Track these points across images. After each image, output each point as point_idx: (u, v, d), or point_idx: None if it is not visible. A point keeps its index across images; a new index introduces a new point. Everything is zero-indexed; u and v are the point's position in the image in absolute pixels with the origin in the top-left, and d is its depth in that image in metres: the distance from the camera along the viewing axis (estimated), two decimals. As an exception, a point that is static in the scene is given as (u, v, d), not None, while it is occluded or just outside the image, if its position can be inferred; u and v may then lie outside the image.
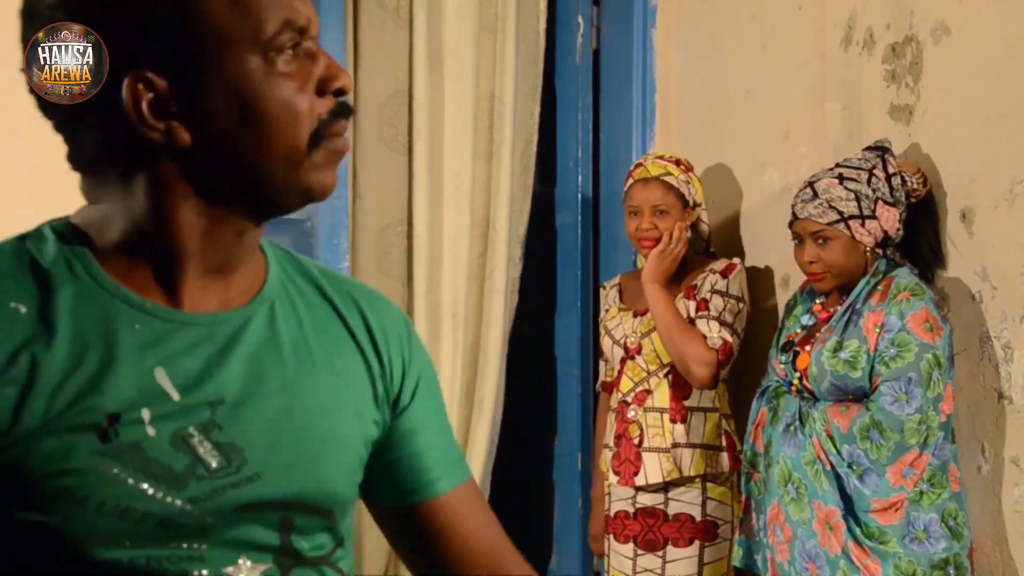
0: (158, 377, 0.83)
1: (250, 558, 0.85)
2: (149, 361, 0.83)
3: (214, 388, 0.85)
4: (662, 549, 2.51)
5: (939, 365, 1.90)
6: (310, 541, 0.89)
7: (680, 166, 2.58)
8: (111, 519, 0.79)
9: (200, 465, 0.82)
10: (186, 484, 0.82)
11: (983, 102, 1.99)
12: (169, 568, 0.81)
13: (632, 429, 2.53)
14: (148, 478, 0.80)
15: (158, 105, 0.83)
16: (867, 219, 2.03)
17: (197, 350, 0.85)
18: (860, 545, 1.93)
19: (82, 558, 0.79)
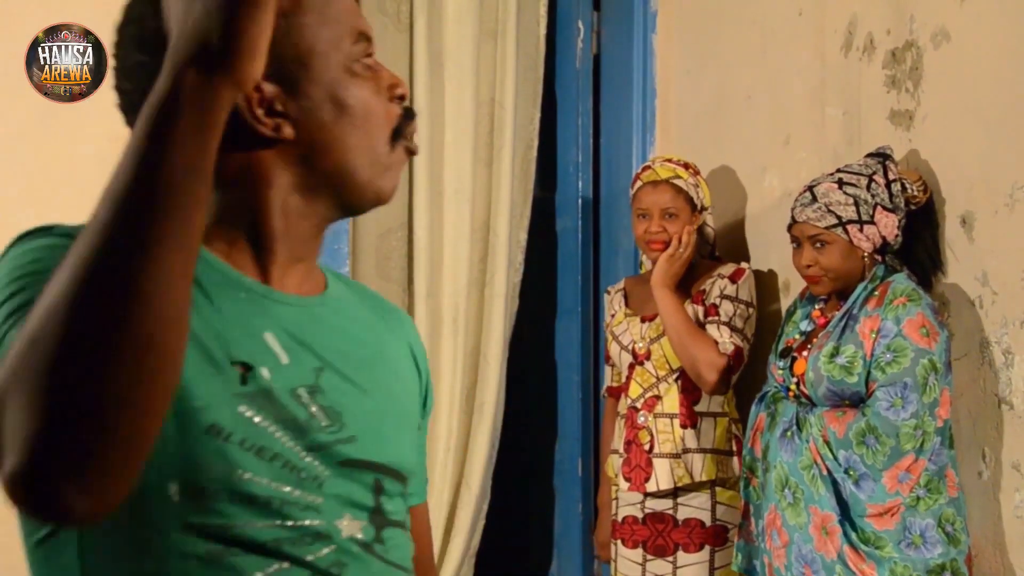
0: (269, 341, 0.94)
1: (352, 515, 0.95)
2: (259, 328, 0.94)
3: (313, 356, 0.96)
4: (672, 554, 2.50)
5: (935, 370, 1.90)
6: (393, 504, 1.00)
7: (689, 169, 2.57)
8: (250, 455, 0.88)
9: (314, 419, 0.93)
10: (305, 434, 0.92)
11: (983, 107, 1.99)
12: (293, 513, 0.90)
13: (642, 435, 2.53)
14: (277, 423, 0.90)
15: (267, 106, 0.95)
16: (865, 224, 2.03)
17: (294, 323, 0.97)
18: (856, 550, 1.92)
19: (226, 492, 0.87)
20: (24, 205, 2.58)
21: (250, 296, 0.95)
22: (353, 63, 0.98)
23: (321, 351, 0.97)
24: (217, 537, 0.87)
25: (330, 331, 1.00)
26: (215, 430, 0.87)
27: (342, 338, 1.01)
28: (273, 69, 0.93)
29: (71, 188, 2.59)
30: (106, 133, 2.63)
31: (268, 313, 0.95)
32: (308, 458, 0.92)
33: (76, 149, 2.58)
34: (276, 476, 0.89)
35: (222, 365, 0.89)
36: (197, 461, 0.86)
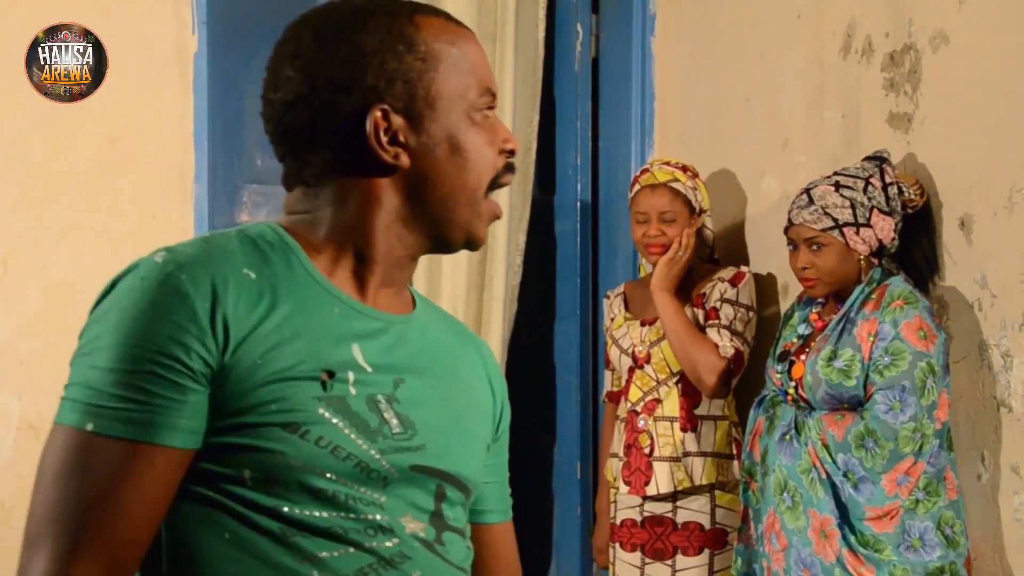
0: (355, 352, 1.03)
1: (414, 515, 1.03)
2: (348, 338, 1.03)
3: (393, 369, 1.05)
4: (671, 558, 2.50)
5: (933, 373, 1.90)
6: (454, 511, 1.09)
7: (687, 172, 2.57)
8: (324, 452, 0.97)
9: (386, 425, 1.02)
10: (376, 438, 1.01)
11: (982, 110, 1.99)
12: (357, 507, 0.99)
13: (642, 438, 2.52)
14: (351, 425, 0.99)
15: (391, 135, 1.05)
16: (862, 227, 2.03)
17: (380, 338, 1.06)
18: (855, 553, 1.92)
19: (296, 482, 0.96)
20: (24, 205, 2.58)
21: (344, 311, 1.04)
22: (474, 112, 1.08)
23: (402, 365, 1.07)
24: (286, 519, 0.96)
25: (412, 348, 1.09)
26: (292, 427, 0.96)
27: (422, 355, 1.10)
28: (404, 104, 1.05)
29: (71, 188, 2.59)
30: (106, 133, 2.64)
31: (358, 327, 1.04)
32: (379, 459, 1.00)
33: (76, 149, 2.58)
34: (346, 473, 0.98)
35: (310, 371, 0.98)
36: (271, 451, 0.95)
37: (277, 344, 0.98)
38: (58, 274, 2.53)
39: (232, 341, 0.95)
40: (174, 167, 2.62)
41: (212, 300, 0.95)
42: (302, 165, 1.08)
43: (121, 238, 2.57)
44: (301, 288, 1.02)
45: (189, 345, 0.93)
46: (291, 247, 1.05)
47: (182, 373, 0.93)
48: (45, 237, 2.57)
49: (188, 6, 2.62)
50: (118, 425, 0.92)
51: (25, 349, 2.53)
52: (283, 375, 0.97)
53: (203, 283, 0.96)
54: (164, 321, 0.93)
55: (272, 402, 0.96)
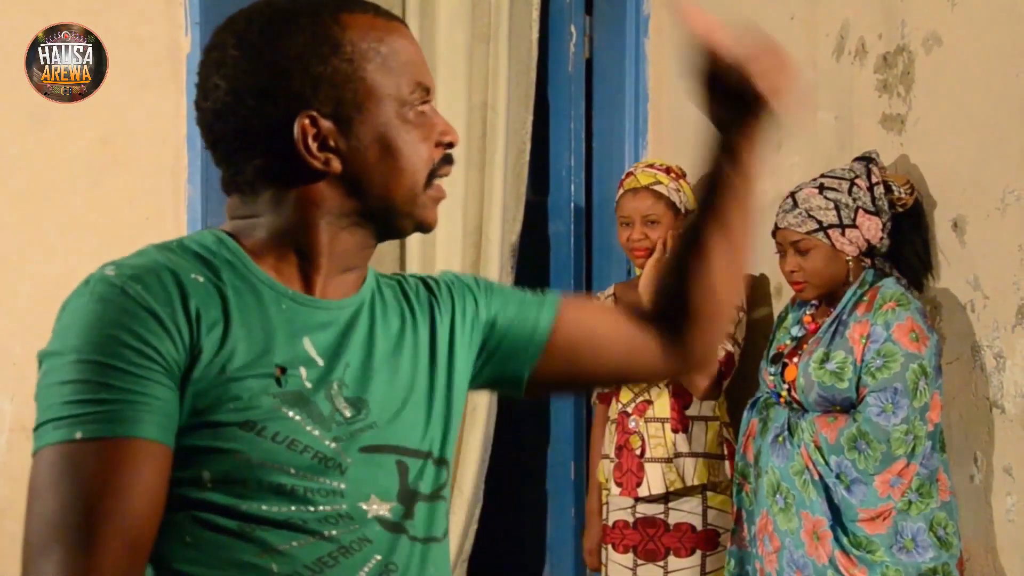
0: (306, 345, 1.04)
1: (378, 496, 1.04)
2: (298, 333, 1.04)
3: (343, 355, 1.06)
4: (663, 559, 2.50)
5: (925, 375, 1.90)
6: (422, 481, 1.09)
7: (671, 174, 2.57)
8: (282, 448, 0.98)
9: (338, 413, 1.03)
10: (330, 426, 1.02)
11: (975, 112, 2.00)
12: (316, 499, 1.00)
13: (633, 440, 2.52)
14: (308, 418, 1.00)
15: (321, 140, 1.04)
16: (847, 228, 2.03)
17: (329, 327, 1.07)
18: (847, 555, 1.93)
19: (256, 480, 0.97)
20: (17, 205, 2.57)
21: (291, 307, 1.05)
22: (406, 109, 1.07)
23: (352, 348, 1.07)
24: (245, 516, 0.97)
25: (362, 329, 1.10)
26: (249, 425, 0.97)
27: (369, 335, 1.10)
28: (331, 108, 1.04)
29: (65, 188, 2.58)
30: (99, 134, 2.64)
31: (307, 320, 1.05)
32: (334, 447, 1.01)
33: (69, 149, 2.57)
34: (305, 466, 0.99)
35: (263, 368, 0.99)
36: (229, 451, 0.96)
37: (230, 344, 0.98)
38: (51, 275, 2.53)
39: (191, 344, 0.96)
40: (167, 168, 2.61)
41: (170, 304, 0.96)
42: (236, 172, 1.08)
43: (115, 239, 2.56)
44: (248, 289, 1.03)
45: (157, 346, 0.94)
46: (233, 251, 1.05)
47: (156, 371, 0.94)
48: (38, 238, 2.57)
49: (181, 7, 2.61)
50: (105, 426, 0.92)
51: (18, 351, 2.52)
52: (238, 374, 0.97)
53: (157, 290, 0.96)
54: (129, 325, 0.94)
55: (228, 401, 0.97)
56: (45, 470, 0.92)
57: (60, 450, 0.92)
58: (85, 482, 0.91)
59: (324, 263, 1.08)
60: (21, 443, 2.49)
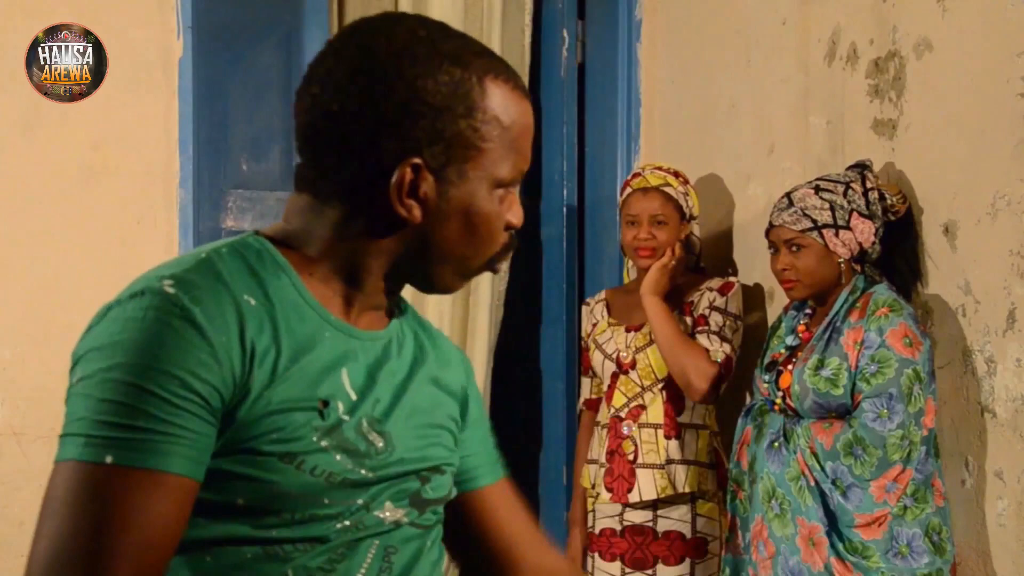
0: (343, 378, 1.03)
1: (394, 503, 1.06)
2: (338, 364, 1.03)
3: (374, 389, 1.06)
4: (652, 567, 2.48)
5: (919, 380, 1.91)
6: (435, 489, 1.12)
7: (679, 178, 2.57)
8: (319, 481, 0.98)
9: (372, 447, 1.04)
10: (365, 460, 1.02)
11: (966, 117, 2.00)
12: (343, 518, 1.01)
13: (626, 445, 2.51)
14: (344, 452, 1.00)
15: (414, 188, 1.03)
16: (841, 229, 2.04)
17: (362, 359, 1.06)
18: (843, 561, 1.93)
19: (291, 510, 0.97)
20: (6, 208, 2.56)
21: (334, 335, 1.04)
22: (501, 190, 1.06)
23: (381, 382, 1.07)
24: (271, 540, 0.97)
25: (390, 362, 1.10)
26: (289, 457, 0.96)
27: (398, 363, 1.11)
28: (439, 164, 1.03)
29: (55, 192, 2.57)
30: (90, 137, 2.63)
31: (347, 350, 1.05)
32: (368, 475, 1.02)
33: (60, 153, 2.57)
34: (338, 497, 1.00)
35: (307, 401, 0.99)
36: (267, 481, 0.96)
37: (278, 374, 0.97)
38: (42, 278, 2.51)
39: (243, 374, 0.95)
40: (159, 171, 2.61)
41: (226, 333, 0.94)
42: (319, 176, 1.06)
43: (105, 242, 2.55)
44: (295, 312, 1.02)
45: (207, 379, 0.92)
46: (281, 265, 1.04)
47: (199, 405, 0.92)
48: (28, 241, 2.56)
49: (173, 11, 2.60)
50: (137, 455, 0.90)
51: (8, 355, 2.51)
52: (283, 406, 0.96)
53: (216, 315, 0.94)
54: (182, 353, 0.92)
55: (272, 432, 0.96)
56: (67, 486, 0.90)
57: (86, 469, 0.89)
58: (106, 509, 0.89)
59: (365, 295, 1.08)
60: (11, 448, 2.48)
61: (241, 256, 1.02)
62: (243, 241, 1.05)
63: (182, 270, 0.97)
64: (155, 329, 0.92)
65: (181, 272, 0.96)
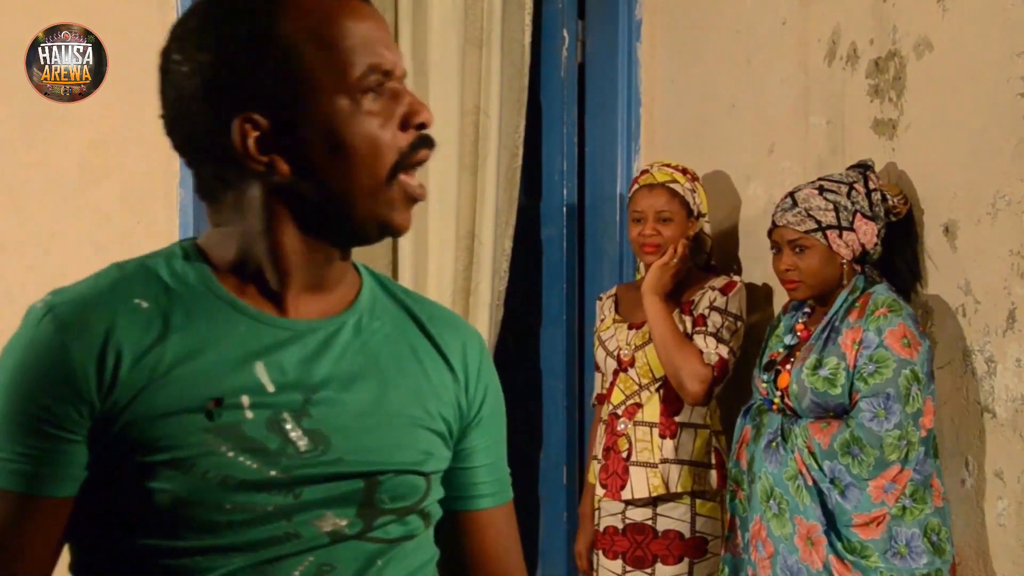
0: (257, 371, 0.96)
1: (335, 513, 0.97)
2: (251, 357, 0.97)
3: (306, 382, 0.98)
4: (651, 566, 2.48)
5: (918, 381, 1.91)
6: (396, 496, 1.01)
7: (687, 175, 2.57)
8: (212, 486, 0.92)
9: (290, 446, 0.96)
10: (278, 460, 0.95)
11: (966, 116, 2.00)
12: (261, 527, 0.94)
13: (621, 442, 2.51)
14: (245, 452, 0.93)
15: (262, 141, 0.96)
16: (845, 230, 2.04)
17: (293, 349, 0.99)
18: (841, 560, 1.92)
19: (187, 517, 0.92)
20: (7, 209, 2.56)
21: (252, 326, 0.98)
22: (360, 97, 0.96)
23: (317, 375, 0.99)
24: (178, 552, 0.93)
25: (337, 349, 1.02)
26: (176, 463, 0.92)
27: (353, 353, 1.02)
28: (269, 106, 0.96)
29: (55, 191, 2.58)
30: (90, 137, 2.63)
31: (267, 343, 0.98)
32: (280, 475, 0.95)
33: (60, 152, 2.57)
34: (241, 501, 0.93)
35: (196, 402, 0.93)
36: (158, 490, 0.92)
37: (163, 377, 0.93)
38: (42, 279, 2.52)
39: (115, 382, 0.92)
40: (159, 171, 2.61)
41: (91, 344, 0.92)
42: (198, 180, 1.03)
43: (106, 242, 2.56)
44: (205, 310, 0.97)
45: (67, 398, 0.92)
46: (196, 268, 1.00)
47: (62, 426, 0.92)
48: (28, 241, 2.56)
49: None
50: (8, 478, 0.92)
51: (8, 355, 2.51)
52: (168, 409, 0.92)
53: (82, 329, 0.93)
54: (44, 381, 0.92)
55: (159, 437, 0.92)
56: None
57: None
58: None
59: (293, 278, 1.01)
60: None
61: (154, 262, 1.00)
62: (169, 248, 1.04)
63: (69, 286, 0.98)
64: (23, 358, 0.94)
65: (65, 288, 0.98)
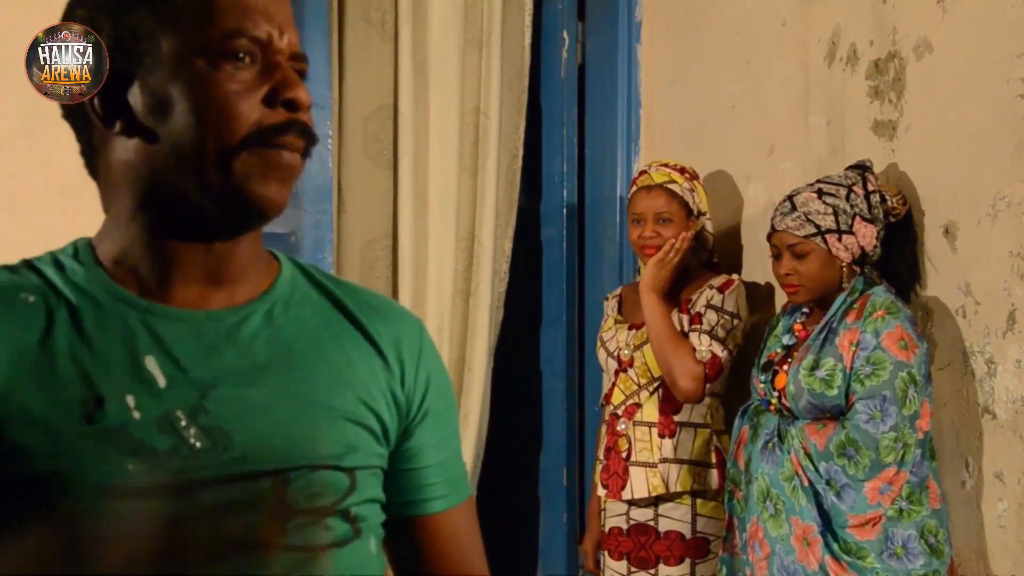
0: (148, 365, 0.89)
1: (241, 518, 0.88)
2: (141, 351, 0.89)
3: (204, 376, 0.90)
4: (654, 567, 2.49)
5: (914, 383, 1.91)
6: (306, 491, 0.91)
7: (684, 174, 2.57)
8: (94, 495, 0.84)
9: (184, 446, 0.87)
10: (169, 463, 0.86)
11: (966, 118, 2.00)
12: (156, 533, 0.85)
13: (621, 442, 2.52)
14: (130, 456, 0.85)
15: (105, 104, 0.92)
16: (844, 234, 2.04)
17: (188, 341, 0.91)
18: (838, 560, 1.92)
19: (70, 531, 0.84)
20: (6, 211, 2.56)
21: (144, 319, 0.91)
22: (221, 60, 0.89)
23: (217, 368, 0.91)
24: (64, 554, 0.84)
25: (242, 340, 0.94)
26: (50, 475, 0.83)
27: (262, 344, 0.94)
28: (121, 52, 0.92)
29: (54, 193, 2.57)
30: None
31: (159, 335, 0.90)
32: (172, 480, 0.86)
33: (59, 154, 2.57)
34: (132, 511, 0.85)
35: (74, 404, 0.85)
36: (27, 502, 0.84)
37: (42, 378, 0.86)
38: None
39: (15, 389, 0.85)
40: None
41: None
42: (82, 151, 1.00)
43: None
44: (92, 306, 0.90)
45: None
46: (83, 260, 0.94)
47: None
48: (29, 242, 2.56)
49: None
50: None
51: None
52: (43, 413, 0.84)
53: None
54: None
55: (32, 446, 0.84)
56: None
57: None
58: None
59: (178, 268, 0.93)
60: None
61: (40, 260, 0.95)
62: (62, 248, 0.98)
63: None
64: None
65: None
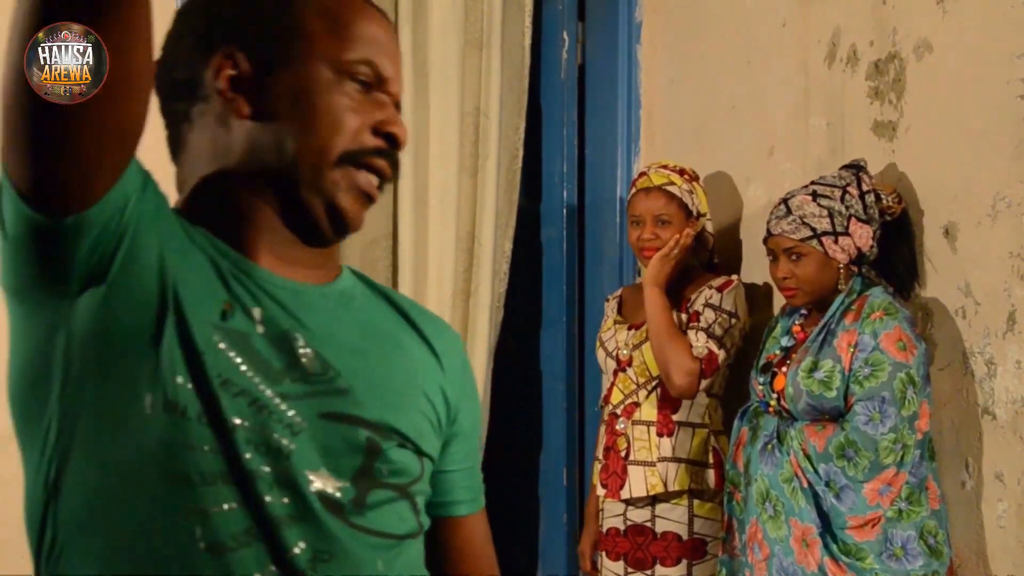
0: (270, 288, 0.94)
1: (329, 471, 0.89)
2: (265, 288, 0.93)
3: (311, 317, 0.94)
4: (651, 568, 2.49)
5: (913, 384, 1.90)
6: (390, 466, 0.94)
7: (684, 175, 2.57)
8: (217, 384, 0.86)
9: (297, 368, 0.90)
10: (281, 380, 0.89)
11: (966, 118, 2.00)
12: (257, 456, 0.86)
13: (620, 442, 2.52)
14: (248, 362, 0.88)
15: (236, 81, 0.94)
16: (840, 236, 2.04)
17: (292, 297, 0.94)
18: (837, 562, 1.92)
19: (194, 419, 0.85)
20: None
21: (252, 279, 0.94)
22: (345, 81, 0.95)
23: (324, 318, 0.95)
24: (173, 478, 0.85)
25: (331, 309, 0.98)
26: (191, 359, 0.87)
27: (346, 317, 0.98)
28: (255, 48, 0.94)
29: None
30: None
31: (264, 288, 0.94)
32: (277, 401, 0.88)
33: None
34: (244, 412, 0.87)
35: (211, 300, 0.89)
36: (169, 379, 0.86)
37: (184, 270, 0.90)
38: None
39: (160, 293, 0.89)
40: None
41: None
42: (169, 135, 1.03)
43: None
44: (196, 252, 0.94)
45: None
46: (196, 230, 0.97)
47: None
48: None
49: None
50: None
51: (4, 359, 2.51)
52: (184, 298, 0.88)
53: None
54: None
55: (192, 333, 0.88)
56: None
57: None
58: None
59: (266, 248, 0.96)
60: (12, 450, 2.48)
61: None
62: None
63: None
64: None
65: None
